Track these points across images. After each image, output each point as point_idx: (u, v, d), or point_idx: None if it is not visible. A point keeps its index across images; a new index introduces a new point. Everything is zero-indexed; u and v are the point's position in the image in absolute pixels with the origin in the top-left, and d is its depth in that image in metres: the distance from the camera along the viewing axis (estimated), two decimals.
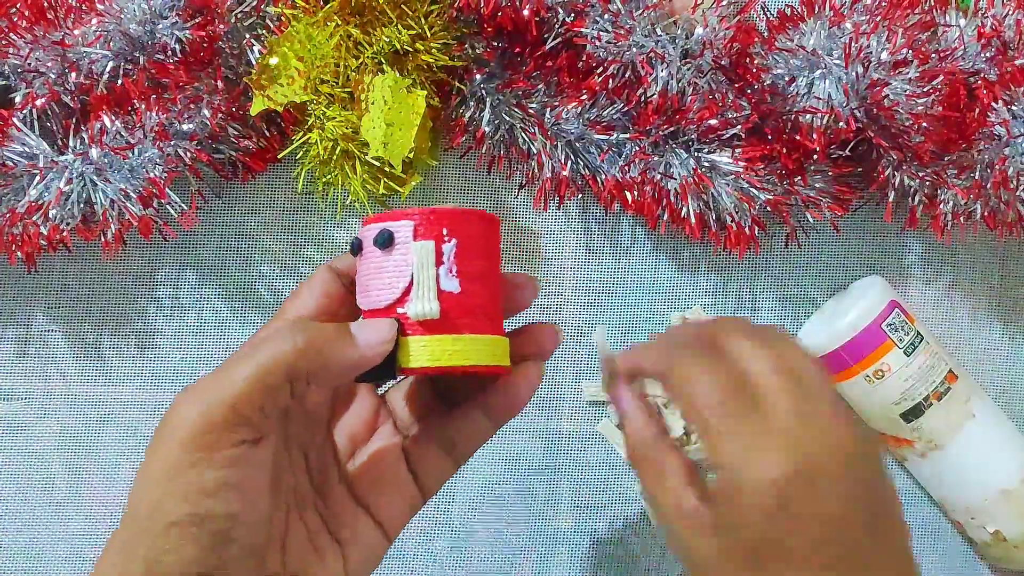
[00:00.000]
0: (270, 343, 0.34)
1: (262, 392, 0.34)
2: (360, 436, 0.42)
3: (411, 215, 0.38)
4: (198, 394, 0.34)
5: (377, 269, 0.38)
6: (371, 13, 0.53)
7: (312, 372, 0.35)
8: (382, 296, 0.38)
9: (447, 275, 0.38)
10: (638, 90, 0.54)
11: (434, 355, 0.37)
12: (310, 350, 0.34)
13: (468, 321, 0.38)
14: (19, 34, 0.53)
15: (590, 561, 0.60)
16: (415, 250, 0.37)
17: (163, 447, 0.34)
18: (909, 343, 0.55)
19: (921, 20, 0.53)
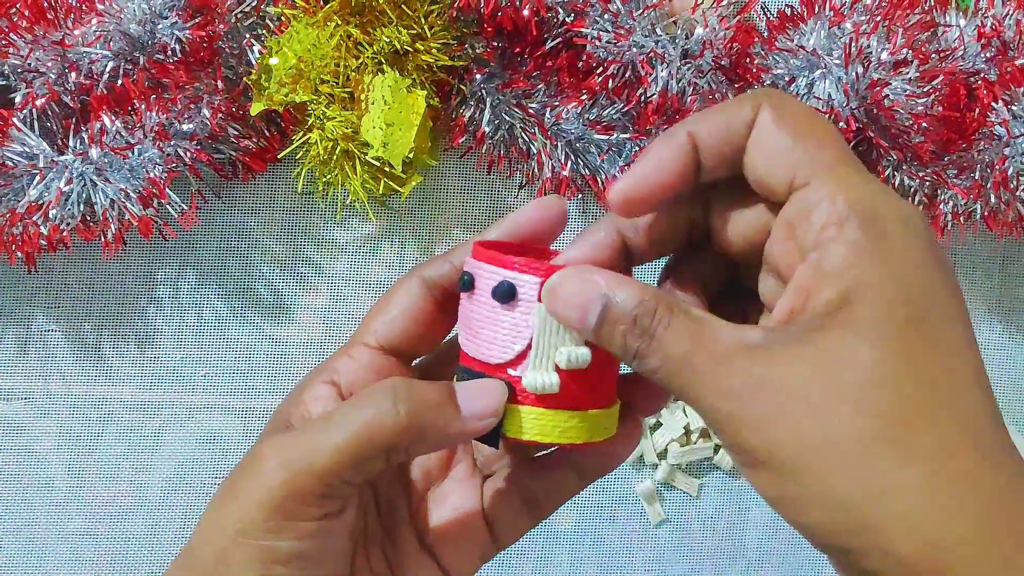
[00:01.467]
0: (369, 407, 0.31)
1: (355, 464, 0.31)
2: (434, 473, 0.38)
3: (539, 270, 0.32)
4: (287, 455, 0.31)
5: (491, 321, 0.33)
6: (371, 13, 0.53)
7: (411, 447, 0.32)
8: (492, 352, 0.33)
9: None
10: (638, 90, 0.54)
11: (544, 431, 0.33)
12: (413, 425, 0.31)
13: (587, 396, 0.33)
14: (19, 34, 0.53)
15: (590, 561, 0.60)
16: (539, 313, 0.32)
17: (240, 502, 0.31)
18: None
19: (921, 20, 0.53)
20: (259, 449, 0.32)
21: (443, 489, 0.38)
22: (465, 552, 0.37)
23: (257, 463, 0.31)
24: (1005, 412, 0.60)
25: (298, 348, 0.60)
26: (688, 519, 0.60)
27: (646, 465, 0.60)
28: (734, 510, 0.60)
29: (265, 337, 0.60)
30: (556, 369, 0.32)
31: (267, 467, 0.31)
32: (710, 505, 0.60)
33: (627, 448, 0.36)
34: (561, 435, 0.33)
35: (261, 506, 0.31)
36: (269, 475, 0.31)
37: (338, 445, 0.31)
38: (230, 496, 0.32)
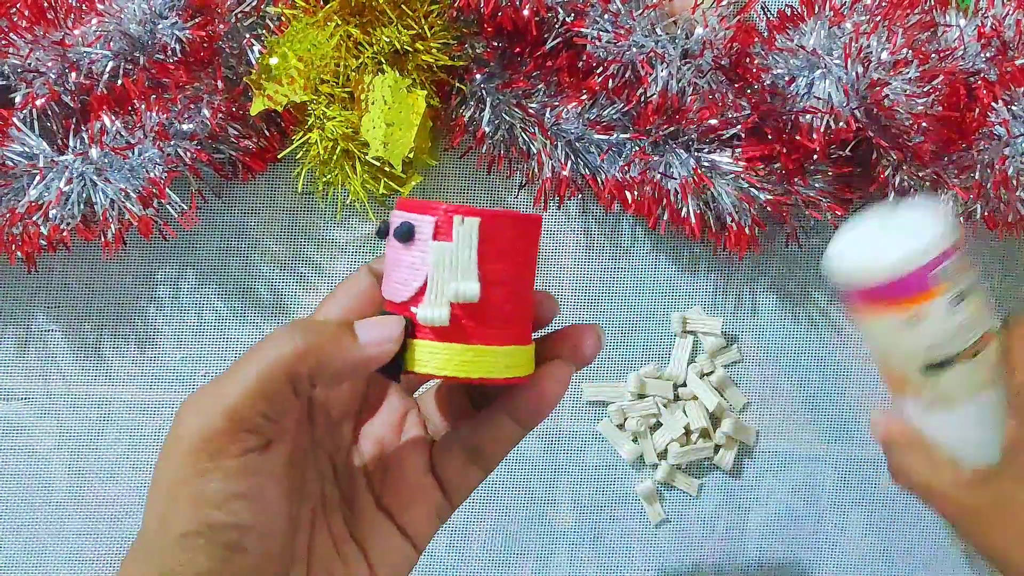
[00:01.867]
0: (268, 346, 0.33)
1: (262, 397, 0.33)
2: (388, 440, 0.40)
3: (436, 210, 0.34)
4: (199, 403, 0.33)
5: (396, 262, 0.36)
6: (371, 13, 0.53)
7: (314, 373, 0.34)
8: (399, 290, 0.35)
9: None
10: (638, 90, 0.54)
11: (440, 364, 0.35)
12: (310, 351, 0.33)
13: (482, 331, 0.35)
14: (19, 34, 0.53)
15: (590, 561, 0.60)
16: (433, 250, 0.34)
17: (169, 458, 0.33)
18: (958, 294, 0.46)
19: (921, 20, 0.53)
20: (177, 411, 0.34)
21: (395, 455, 0.40)
22: (420, 511, 0.39)
23: (177, 421, 0.33)
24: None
25: None
26: (688, 519, 0.60)
27: (646, 465, 0.60)
28: (734, 510, 0.60)
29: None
30: (450, 305, 0.34)
31: (185, 420, 0.33)
32: (710, 505, 0.60)
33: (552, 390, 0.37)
34: (457, 368, 0.34)
35: (187, 454, 0.32)
36: (187, 423, 0.33)
37: (244, 381, 0.33)
38: (160, 457, 0.33)
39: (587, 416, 0.60)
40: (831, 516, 0.61)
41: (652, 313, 0.61)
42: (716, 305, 0.61)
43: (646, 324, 0.61)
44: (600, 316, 0.60)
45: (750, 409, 0.61)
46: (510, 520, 0.60)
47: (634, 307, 0.61)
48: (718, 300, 0.61)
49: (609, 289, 0.61)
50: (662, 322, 0.61)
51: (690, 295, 0.61)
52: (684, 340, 0.60)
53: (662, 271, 0.61)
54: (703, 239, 0.58)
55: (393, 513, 0.39)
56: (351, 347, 0.34)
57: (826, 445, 0.61)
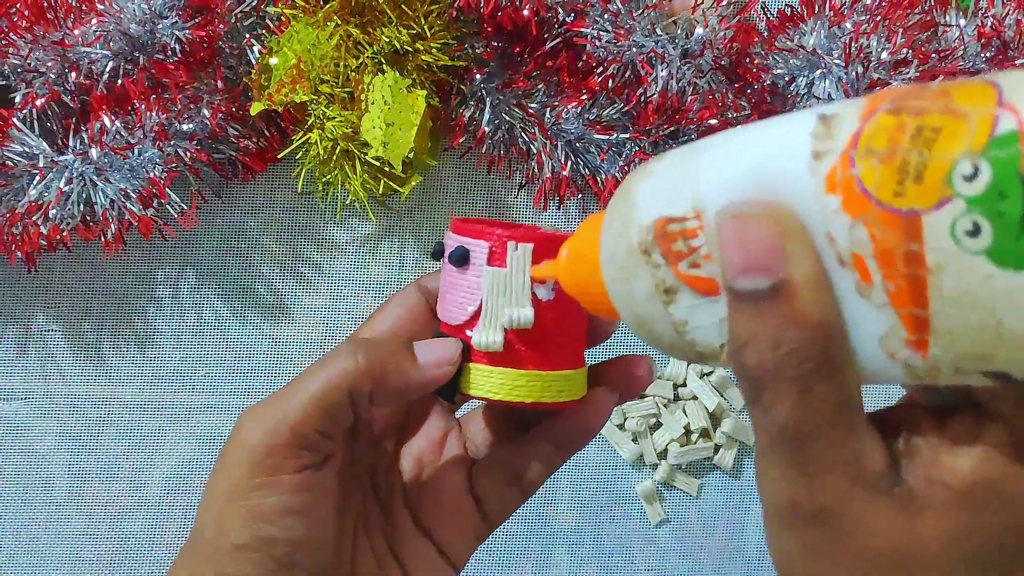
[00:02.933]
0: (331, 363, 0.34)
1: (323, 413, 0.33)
2: (428, 459, 0.41)
3: (489, 235, 0.35)
4: (262, 415, 0.33)
5: (451, 285, 0.36)
6: (371, 13, 0.53)
7: (374, 392, 0.34)
8: (454, 313, 0.36)
9: None
10: (638, 90, 0.54)
11: (494, 388, 0.35)
12: (372, 369, 0.34)
13: (535, 356, 0.35)
14: (19, 34, 0.53)
15: (590, 561, 0.60)
16: (487, 275, 0.35)
17: (227, 468, 0.33)
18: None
19: (921, 20, 0.53)
20: (238, 420, 0.34)
21: (435, 473, 0.40)
22: (458, 531, 0.39)
23: (237, 430, 0.34)
24: None
25: (298, 348, 0.60)
26: (688, 519, 0.60)
27: (646, 465, 0.60)
28: (734, 510, 0.60)
29: (265, 337, 0.60)
30: (504, 330, 0.35)
31: (246, 429, 0.33)
32: (710, 505, 0.60)
33: (597, 417, 0.38)
34: (510, 393, 0.35)
35: (244, 465, 0.33)
36: (248, 435, 0.33)
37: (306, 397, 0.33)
38: (219, 467, 0.34)
39: None
40: None
41: None
42: None
43: None
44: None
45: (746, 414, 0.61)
46: (510, 520, 0.60)
47: None
48: None
49: None
50: None
51: None
52: None
53: None
54: None
55: (431, 532, 0.39)
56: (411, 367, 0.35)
57: None
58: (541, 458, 0.39)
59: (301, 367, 0.60)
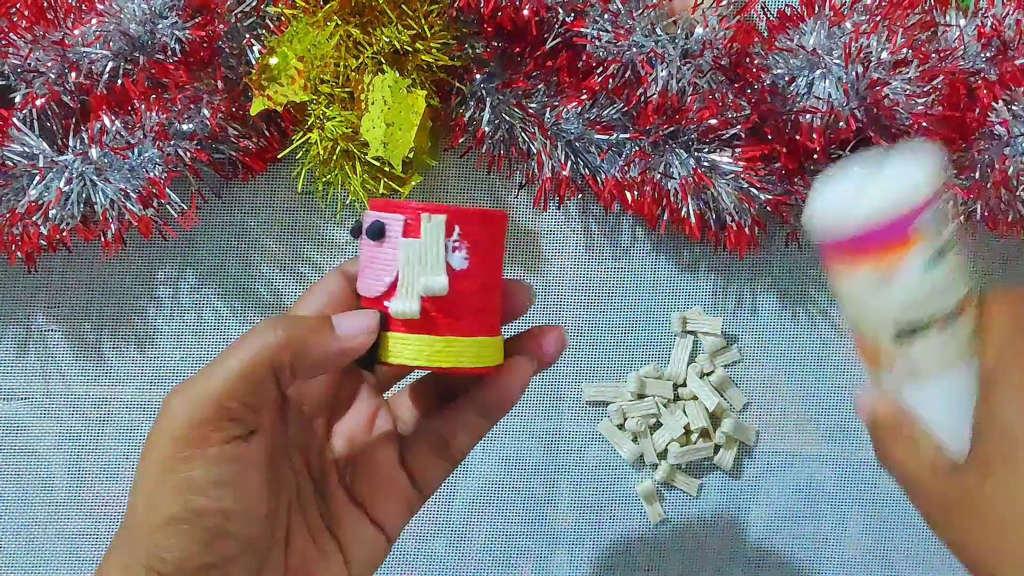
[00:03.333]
0: (252, 337, 0.35)
1: (246, 386, 0.34)
2: (358, 437, 0.42)
3: (405, 209, 0.37)
4: (185, 391, 0.34)
5: (369, 259, 0.38)
6: (371, 13, 0.53)
7: (295, 363, 0.35)
8: (372, 287, 0.38)
9: None
10: (638, 90, 0.54)
11: (412, 354, 0.37)
12: (291, 341, 0.35)
13: (452, 322, 0.37)
14: (19, 34, 0.53)
15: (590, 561, 0.60)
16: (402, 246, 0.37)
17: (155, 445, 0.34)
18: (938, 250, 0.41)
19: (921, 20, 0.53)
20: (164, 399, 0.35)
21: (366, 449, 0.42)
22: (392, 503, 0.41)
23: (163, 409, 0.35)
24: None
25: None
26: (688, 519, 0.60)
27: (646, 465, 0.60)
28: (734, 510, 0.60)
29: None
30: (420, 299, 0.36)
31: (171, 408, 0.34)
32: (710, 505, 0.60)
33: (517, 383, 0.40)
34: (428, 359, 0.37)
35: (173, 441, 0.34)
36: (174, 413, 0.34)
37: (229, 370, 0.34)
38: (147, 446, 0.35)
39: (587, 416, 0.60)
40: (831, 516, 0.61)
41: (652, 313, 0.61)
42: (716, 305, 0.61)
43: (646, 324, 0.61)
44: (600, 316, 0.60)
45: (750, 409, 0.61)
46: (510, 520, 0.60)
47: (634, 307, 0.61)
48: (718, 300, 0.61)
49: (609, 289, 0.61)
50: (662, 322, 0.61)
51: (690, 295, 0.61)
52: (684, 340, 0.60)
53: (662, 271, 0.61)
54: (703, 239, 0.58)
55: (366, 505, 0.40)
56: (330, 338, 0.36)
57: (826, 445, 0.61)
58: (466, 427, 0.41)
59: None
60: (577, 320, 0.60)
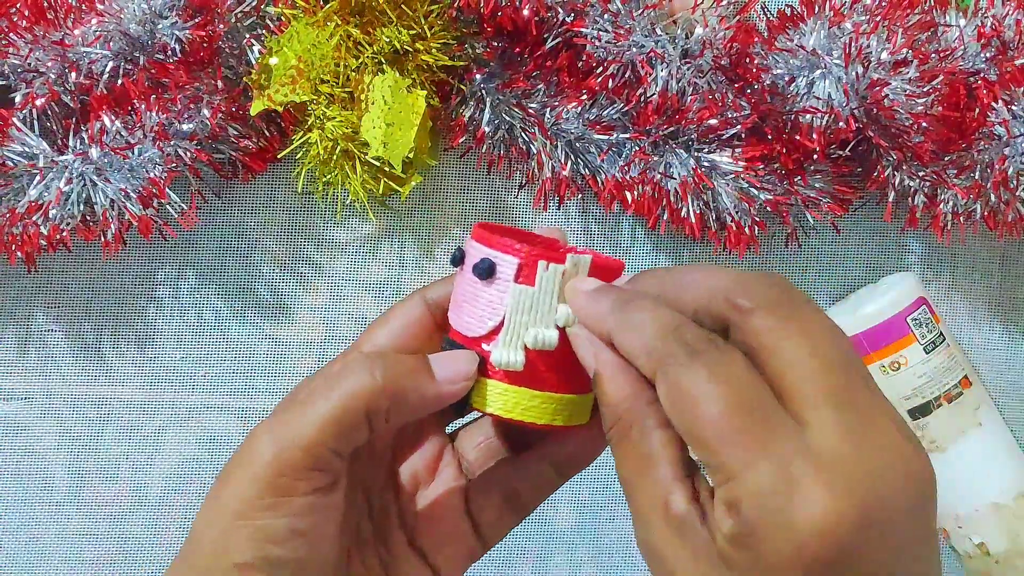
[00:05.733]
0: (348, 378, 0.33)
1: (339, 432, 0.32)
2: (423, 477, 0.39)
3: (519, 251, 0.34)
4: (275, 431, 0.32)
5: (472, 295, 0.35)
6: (371, 13, 0.53)
7: (391, 409, 0.33)
8: (472, 325, 0.35)
9: None
10: (638, 90, 0.54)
11: (507, 406, 0.34)
12: (390, 387, 0.33)
13: (552, 378, 0.34)
14: (19, 34, 0.53)
15: (590, 561, 0.60)
16: (512, 293, 0.34)
17: (236, 482, 0.32)
18: (931, 341, 0.54)
19: (921, 20, 0.53)
20: (251, 432, 0.33)
21: (430, 492, 0.39)
22: (452, 551, 0.38)
23: (249, 444, 0.33)
24: (1003, 413, 0.60)
25: (298, 348, 0.60)
26: None
27: None
28: None
29: (265, 337, 0.60)
30: (524, 349, 0.34)
31: (258, 445, 0.32)
32: None
33: (599, 445, 0.38)
34: (523, 413, 0.34)
35: (255, 483, 0.32)
36: (261, 453, 0.32)
37: (322, 415, 0.32)
38: (226, 480, 0.33)
39: None
40: None
41: None
42: None
43: None
44: None
45: None
46: None
47: None
48: None
49: None
50: None
51: None
52: None
53: None
54: (703, 239, 0.58)
55: (426, 553, 0.38)
56: (429, 384, 0.34)
57: None
58: (540, 481, 0.38)
59: (301, 367, 0.60)
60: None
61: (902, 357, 0.54)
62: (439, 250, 0.60)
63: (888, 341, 0.54)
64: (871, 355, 0.55)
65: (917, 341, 0.54)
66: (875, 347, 0.55)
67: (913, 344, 0.54)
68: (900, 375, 0.54)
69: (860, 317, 0.55)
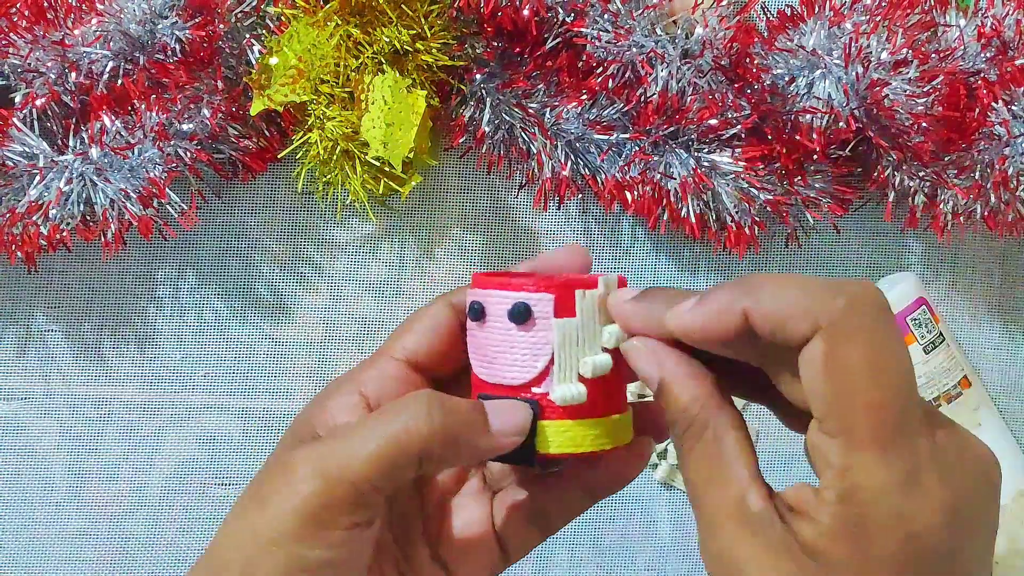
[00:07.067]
0: (403, 416, 0.32)
1: (388, 472, 0.31)
2: (449, 488, 0.39)
3: (550, 286, 0.33)
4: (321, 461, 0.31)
5: (508, 344, 0.34)
6: (371, 13, 0.53)
7: (443, 456, 0.32)
8: (513, 374, 0.34)
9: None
10: (638, 90, 0.54)
11: (575, 440, 0.34)
12: (446, 432, 0.32)
13: (605, 401, 0.34)
14: (19, 34, 0.53)
15: (590, 561, 0.60)
16: (557, 328, 0.33)
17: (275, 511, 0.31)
18: (930, 341, 0.54)
19: (921, 20, 0.53)
20: (290, 457, 0.32)
21: (455, 504, 0.38)
22: (475, 565, 0.37)
23: (290, 471, 0.31)
24: (1003, 413, 0.60)
25: (298, 348, 0.60)
26: (688, 519, 0.60)
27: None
28: None
29: (265, 337, 0.60)
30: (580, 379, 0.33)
31: (301, 475, 0.31)
32: None
33: (637, 467, 0.37)
34: (594, 442, 0.34)
35: (295, 514, 0.31)
36: (304, 483, 0.31)
37: (372, 452, 0.31)
38: (260, 503, 0.32)
39: None
40: None
41: None
42: None
43: None
44: None
45: (750, 409, 0.61)
46: None
47: None
48: None
49: None
50: None
51: None
52: None
53: (662, 271, 0.61)
54: (703, 239, 0.58)
55: (448, 565, 0.37)
56: (484, 435, 0.33)
57: None
58: (569, 503, 0.38)
59: (302, 367, 0.60)
60: None
61: None
62: (439, 250, 0.60)
63: None
64: None
65: (917, 342, 0.54)
66: None
67: (913, 345, 0.54)
68: None
69: None
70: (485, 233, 0.60)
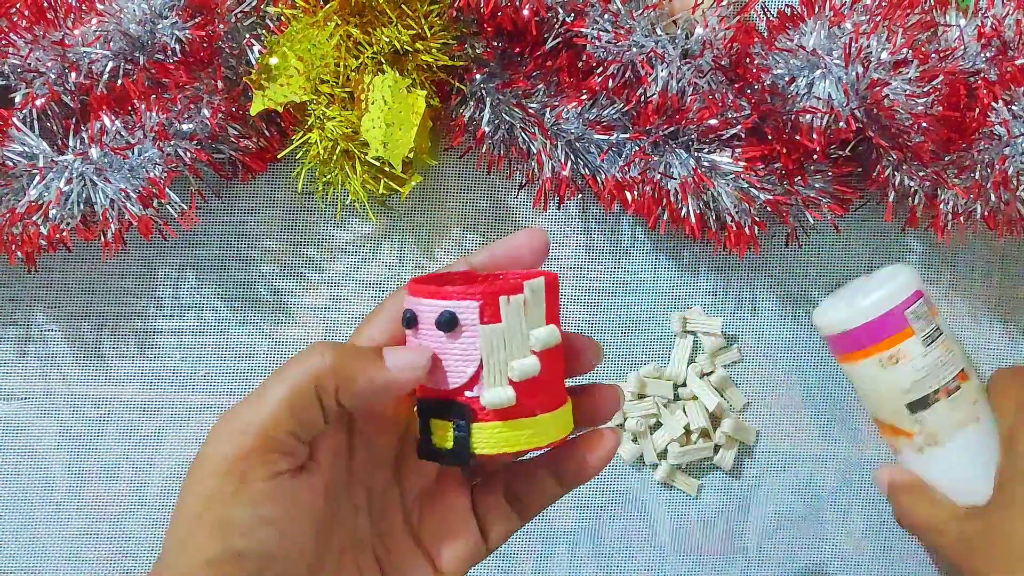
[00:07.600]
0: (297, 363, 0.33)
1: (291, 413, 0.32)
2: (430, 476, 0.40)
3: (475, 293, 0.34)
4: (229, 422, 0.33)
5: (440, 351, 0.35)
6: (371, 13, 0.53)
7: (340, 390, 0.34)
8: (447, 378, 0.35)
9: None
10: (638, 90, 0.54)
11: (508, 441, 0.35)
12: (337, 367, 0.33)
13: (540, 399, 0.35)
14: (19, 34, 0.53)
15: (590, 561, 0.60)
16: (484, 335, 0.34)
17: (195, 480, 0.32)
18: (928, 334, 0.54)
19: (921, 20, 0.53)
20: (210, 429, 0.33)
21: (436, 493, 0.39)
22: (458, 552, 0.38)
23: (207, 441, 0.33)
24: None
25: (298, 348, 0.60)
26: (688, 519, 0.60)
27: (646, 465, 0.60)
28: (734, 510, 0.60)
29: (265, 337, 0.60)
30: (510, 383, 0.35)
31: (214, 439, 0.33)
32: (710, 505, 0.60)
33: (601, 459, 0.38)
34: (528, 440, 0.35)
35: (215, 474, 0.32)
36: (218, 443, 0.32)
37: (274, 398, 0.32)
38: (188, 479, 0.33)
39: None
40: (831, 516, 0.61)
41: (652, 313, 0.61)
42: (716, 305, 0.61)
43: (646, 324, 0.61)
44: (600, 316, 0.60)
45: (750, 409, 0.61)
46: None
47: (634, 307, 0.61)
48: (718, 300, 0.61)
49: (609, 289, 0.61)
50: (662, 322, 0.61)
51: (690, 295, 0.61)
52: (684, 340, 0.60)
53: (662, 271, 0.61)
54: (703, 239, 0.58)
55: (430, 550, 0.38)
56: (378, 369, 0.34)
57: (826, 445, 0.61)
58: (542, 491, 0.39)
59: None
60: (577, 320, 0.60)
61: (901, 351, 0.54)
62: (439, 250, 0.60)
63: (887, 335, 0.54)
64: (869, 349, 0.54)
65: (916, 334, 0.54)
66: (873, 341, 0.54)
67: (912, 337, 0.54)
68: (899, 369, 0.54)
69: (857, 310, 0.54)
70: (485, 233, 0.60)
